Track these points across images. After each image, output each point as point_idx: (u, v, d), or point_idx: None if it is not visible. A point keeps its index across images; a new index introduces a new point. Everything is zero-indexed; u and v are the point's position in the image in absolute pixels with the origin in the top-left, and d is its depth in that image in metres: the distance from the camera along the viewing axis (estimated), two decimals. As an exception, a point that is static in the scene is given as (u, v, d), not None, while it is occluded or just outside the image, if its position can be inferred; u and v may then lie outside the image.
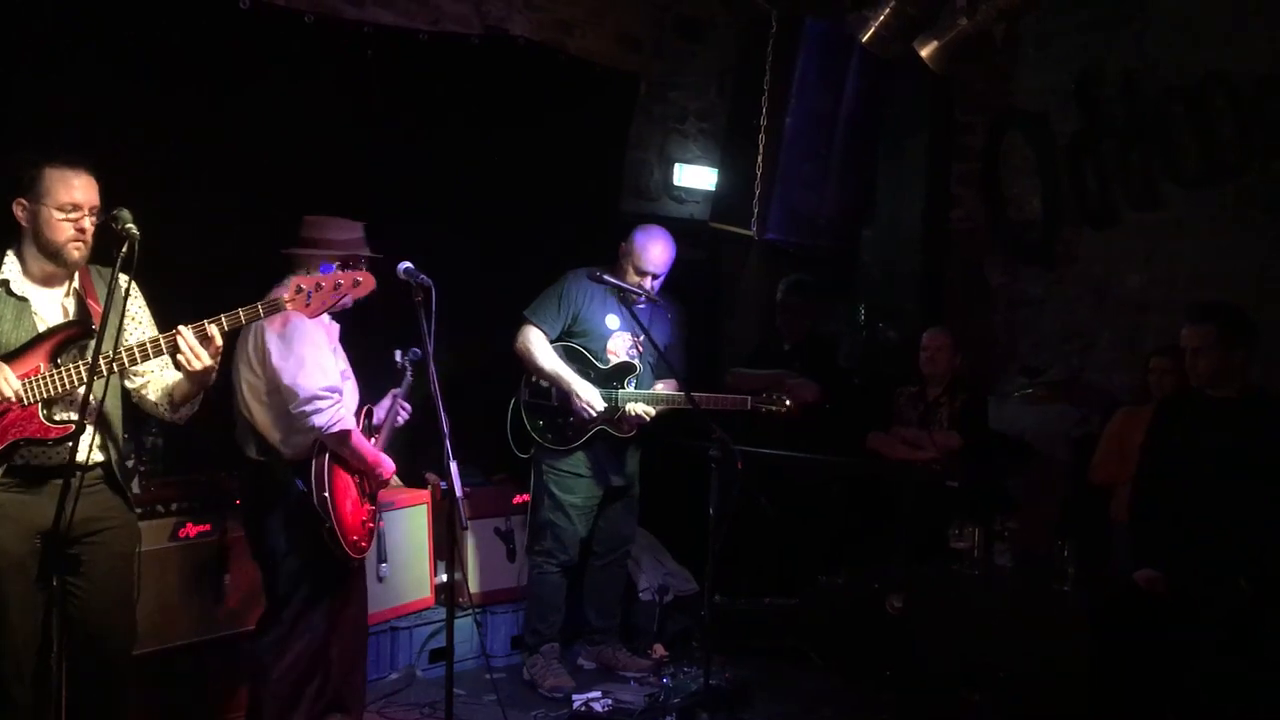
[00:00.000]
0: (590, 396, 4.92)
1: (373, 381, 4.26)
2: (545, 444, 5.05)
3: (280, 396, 3.82)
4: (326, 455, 3.86)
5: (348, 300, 3.30)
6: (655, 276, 4.99)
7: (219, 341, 3.13)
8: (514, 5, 5.79)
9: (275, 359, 3.79)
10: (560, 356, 5.01)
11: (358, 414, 4.09)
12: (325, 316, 3.81)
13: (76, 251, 3.20)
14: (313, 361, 3.80)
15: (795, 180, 5.50)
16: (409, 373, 4.28)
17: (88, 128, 4.08)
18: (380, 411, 4.24)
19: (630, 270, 4.97)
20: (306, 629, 3.91)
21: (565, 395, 4.96)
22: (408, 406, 4.27)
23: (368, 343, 4.22)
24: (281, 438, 3.88)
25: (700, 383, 5.00)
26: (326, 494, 3.81)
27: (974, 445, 5.46)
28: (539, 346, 4.99)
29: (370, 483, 4.07)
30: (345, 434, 3.87)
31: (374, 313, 3.83)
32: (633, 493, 5.27)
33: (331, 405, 3.82)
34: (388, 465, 4.09)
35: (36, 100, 4.06)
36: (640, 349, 5.08)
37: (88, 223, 3.18)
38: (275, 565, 3.92)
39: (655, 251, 4.96)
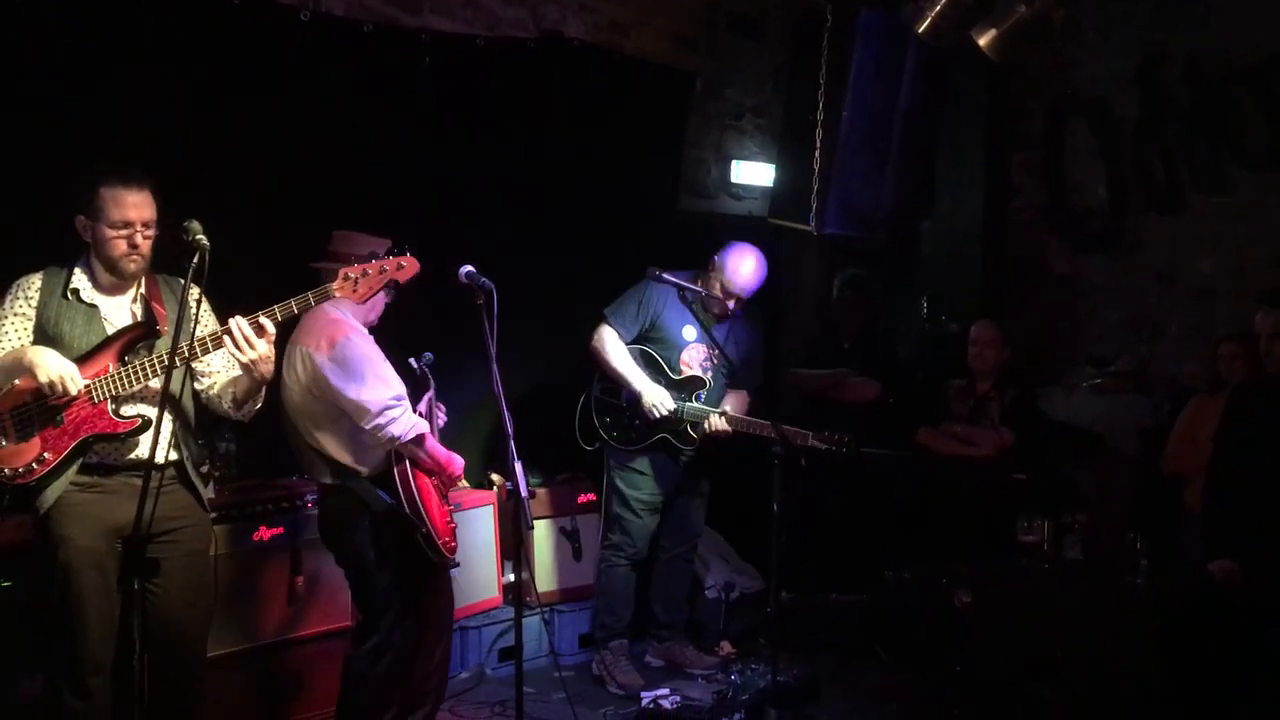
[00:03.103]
0: (660, 398, 4.94)
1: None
2: (610, 441, 5.10)
3: (347, 419, 3.77)
4: (405, 463, 3.85)
5: (399, 278, 3.33)
6: (741, 296, 5.01)
7: (271, 330, 3.23)
8: (569, 8, 5.82)
9: (334, 381, 3.72)
10: (635, 359, 5.04)
11: None
12: (365, 329, 3.91)
13: (133, 264, 3.34)
14: (373, 375, 3.76)
15: (853, 174, 5.45)
16: (430, 376, 4.25)
17: (147, 138, 4.15)
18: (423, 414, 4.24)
19: (717, 285, 5.00)
20: (401, 635, 3.93)
21: (634, 397, 4.99)
22: (443, 407, 4.25)
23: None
24: (354, 458, 3.84)
25: (762, 383, 4.97)
26: (416, 501, 3.82)
27: (1027, 440, 5.39)
28: (613, 346, 5.03)
29: (443, 482, 4.09)
30: (421, 437, 3.86)
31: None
32: (703, 490, 5.30)
33: (405, 412, 3.80)
34: (458, 462, 4.08)
35: (101, 116, 4.14)
36: (714, 362, 5.09)
37: (140, 238, 3.30)
38: (369, 579, 3.90)
39: (745, 273, 4.98)
